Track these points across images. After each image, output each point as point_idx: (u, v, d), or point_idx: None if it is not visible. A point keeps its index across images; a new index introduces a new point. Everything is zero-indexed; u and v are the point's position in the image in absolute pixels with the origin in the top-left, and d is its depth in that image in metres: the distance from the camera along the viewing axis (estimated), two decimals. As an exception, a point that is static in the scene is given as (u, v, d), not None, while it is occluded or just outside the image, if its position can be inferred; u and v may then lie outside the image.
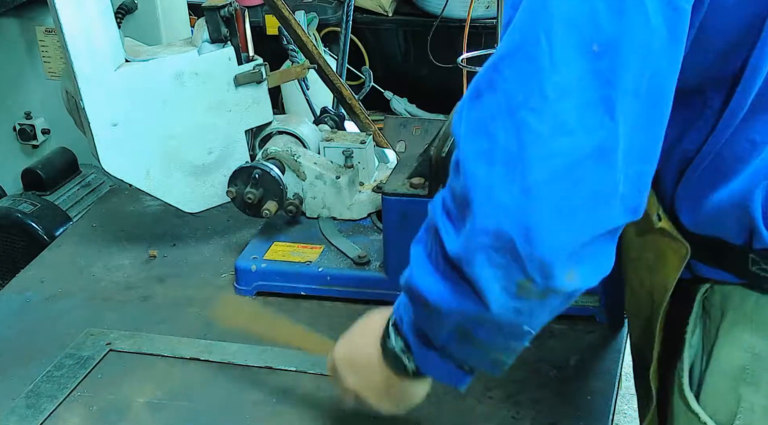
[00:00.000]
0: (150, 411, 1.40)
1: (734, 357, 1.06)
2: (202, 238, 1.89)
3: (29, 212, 2.24)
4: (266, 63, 1.74)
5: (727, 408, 1.07)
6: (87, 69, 1.61)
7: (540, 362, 1.48)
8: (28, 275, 1.80)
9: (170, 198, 1.76)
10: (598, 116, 0.87)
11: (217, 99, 1.70)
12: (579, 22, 0.86)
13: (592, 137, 0.88)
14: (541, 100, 0.87)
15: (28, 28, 2.60)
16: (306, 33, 2.02)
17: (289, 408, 1.40)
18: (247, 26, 1.72)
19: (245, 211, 1.72)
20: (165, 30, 2.56)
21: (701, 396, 1.10)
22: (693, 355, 1.11)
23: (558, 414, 1.37)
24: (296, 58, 2.81)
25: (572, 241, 0.91)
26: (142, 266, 1.81)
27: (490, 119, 0.91)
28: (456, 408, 1.37)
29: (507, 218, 0.90)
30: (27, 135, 2.68)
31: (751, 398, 1.05)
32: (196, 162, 1.73)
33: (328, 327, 1.57)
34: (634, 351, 1.28)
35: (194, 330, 1.59)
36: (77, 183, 2.54)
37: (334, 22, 3.96)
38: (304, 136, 1.78)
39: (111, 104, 1.64)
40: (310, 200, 1.75)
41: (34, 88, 2.66)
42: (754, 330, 1.05)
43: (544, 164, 0.88)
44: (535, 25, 0.88)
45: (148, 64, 1.67)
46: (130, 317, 1.64)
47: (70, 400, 1.42)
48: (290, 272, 1.65)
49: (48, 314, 1.66)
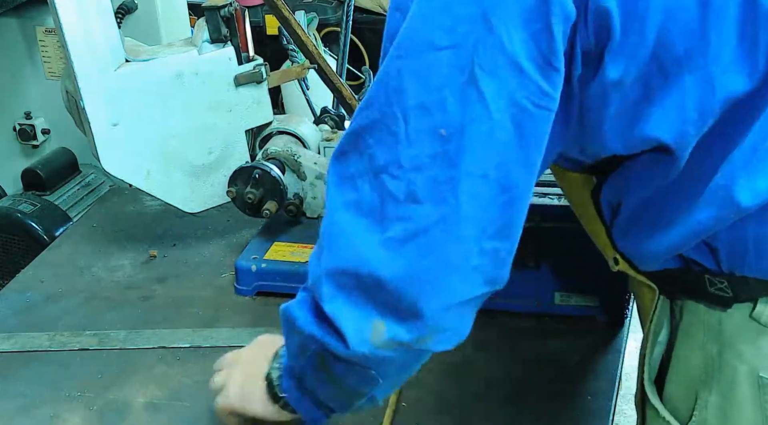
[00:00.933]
0: (150, 411, 1.40)
1: (691, 357, 1.09)
2: (202, 238, 1.89)
3: (29, 212, 2.24)
4: (266, 63, 1.74)
5: (685, 405, 1.10)
6: (87, 69, 1.61)
7: (540, 362, 1.48)
8: (28, 275, 1.80)
9: (170, 198, 1.76)
10: (443, 192, 0.95)
11: (217, 99, 1.70)
12: (430, 107, 0.94)
13: (438, 209, 0.95)
14: (398, 168, 0.96)
15: (28, 28, 2.60)
16: (306, 33, 2.02)
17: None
18: (247, 26, 1.72)
19: (245, 211, 1.72)
20: (165, 30, 2.56)
21: (664, 392, 1.13)
22: (661, 351, 1.14)
23: (558, 414, 1.37)
24: (296, 58, 2.81)
25: (425, 305, 0.98)
26: (142, 266, 1.81)
27: (357, 175, 0.99)
28: (456, 408, 1.37)
29: (364, 265, 0.98)
30: (27, 135, 2.68)
31: (706, 396, 1.08)
32: (196, 162, 1.73)
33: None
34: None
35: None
36: (77, 183, 2.54)
37: (334, 22, 3.95)
38: (304, 136, 1.78)
39: (111, 104, 1.64)
40: (310, 200, 1.75)
41: (34, 88, 2.66)
42: (706, 330, 1.07)
43: (398, 224, 0.96)
44: (392, 104, 0.96)
45: (148, 64, 1.67)
46: (130, 317, 1.64)
47: (70, 400, 1.43)
48: (290, 272, 1.65)
49: (48, 314, 1.66)
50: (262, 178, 1.68)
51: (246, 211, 1.72)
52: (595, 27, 0.92)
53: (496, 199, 0.95)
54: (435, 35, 0.93)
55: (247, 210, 1.72)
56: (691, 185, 0.99)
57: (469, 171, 0.94)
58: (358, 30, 4.08)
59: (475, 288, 0.99)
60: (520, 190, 0.97)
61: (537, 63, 0.91)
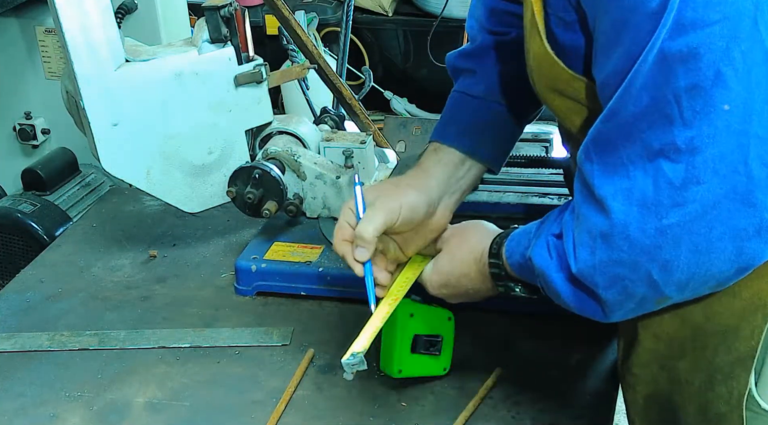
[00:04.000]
0: (150, 411, 1.40)
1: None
2: (202, 238, 1.89)
3: (29, 212, 2.24)
4: (266, 63, 1.74)
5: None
6: (87, 69, 1.61)
7: (540, 362, 1.48)
8: (28, 275, 1.80)
9: (170, 198, 1.76)
10: (733, 164, 0.94)
11: (217, 99, 1.70)
12: (705, 87, 0.93)
13: (726, 183, 0.94)
14: (675, 152, 0.95)
15: (28, 28, 2.60)
16: (306, 33, 2.02)
17: (290, 408, 1.40)
18: (247, 26, 1.71)
19: (245, 211, 1.72)
20: (165, 30, 2.56)
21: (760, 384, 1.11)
22: None
23: (558, 414, 1.37)
24: (296, 58, 2.81)
25: (712, 275, 0.99)
26: (142, 266, 1.81)
27: (629, 162, 0.98)
28: (456, 408, 1.37)
29: (642, 254, 0.99)
30: (27, 135, 2.69)
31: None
32: (196, 162, 1.73)
33: (328, 327, 1.58)
34: None
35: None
36: (77, 183, 2.55)
37: (334, 22, 3.96)
38: (304, 136, 1.78)
39: (111, 104, 1.64)
40: (310, 200, 1.75)
41: (34, 88, 2.67)
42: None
43: (678, 210, 0.96)
44: (662, 88, 0.94)
45: (148, 64, 1.66)
46: (130, 317, 1.65)
47: (70, 400, 1.43)
48: (290, 272, 1.65)
49: (48, 314, 1.66)
50: (262, 178, 1.68)
51: (246, 211, 1.72)
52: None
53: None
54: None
55: (247, 210, 1.72)
56: None
57: (757, 134, 0.94)
58: (358, 30, 4.09)
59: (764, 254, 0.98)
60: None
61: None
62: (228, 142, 1.74)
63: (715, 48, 0.91)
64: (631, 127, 0.98)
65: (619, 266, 1.01)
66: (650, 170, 0.97)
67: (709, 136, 0.93)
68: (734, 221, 0.95)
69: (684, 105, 0.93)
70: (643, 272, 1.00)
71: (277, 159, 1.72)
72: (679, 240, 0.97)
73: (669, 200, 0.96)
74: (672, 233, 0.97)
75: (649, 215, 0.97)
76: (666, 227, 0.97)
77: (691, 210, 0.95)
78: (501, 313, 1.57)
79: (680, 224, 0.96)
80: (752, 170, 0.94)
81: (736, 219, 0.95)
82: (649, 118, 0.96)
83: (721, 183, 0.94)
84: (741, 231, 0.96)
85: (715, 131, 0.93)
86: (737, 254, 0.97)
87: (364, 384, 1.43)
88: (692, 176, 0.95)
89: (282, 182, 1.70)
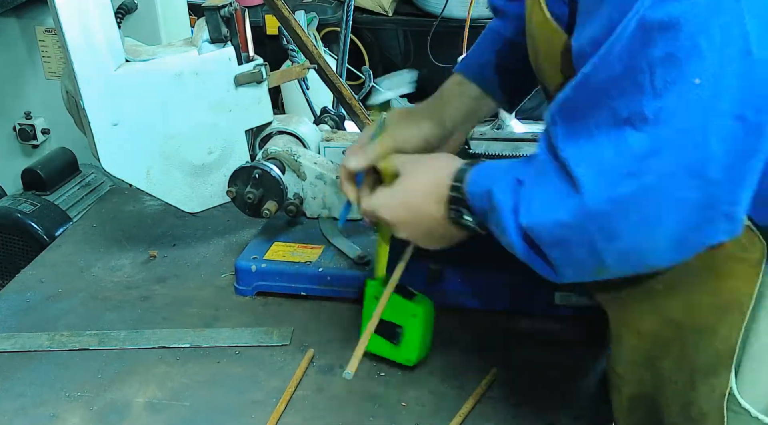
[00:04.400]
0: (150, 411, 1.40)
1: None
2: (202, 238, 1.89)
3: (29, 212, 2.24)
4: (266, 63, 1.74)
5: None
6: (87, 69, 1.61)
7: (539, 362, 1.48)
8: (28, 275, 1.80)
9: (170, 198, 1.76)
10: (695, 139, 0.93)
11: (217, 99, 1.70)
12: (680, 57, 0.92)
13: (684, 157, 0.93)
14: (641, 121, 0.94)
15: (28, 28, 2.60)
16: (306, 33, 2.02)
17: (290, 408, 1.40)
18: (247, 26, 1.71)
19: (245, 211, 1.72)
20: (165, 30, 2.56)
21: (738, 382, 1.11)
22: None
23: (558, 414, 1.37)
24: (296, 58, 2.81)
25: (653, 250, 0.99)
26: (142, 266, 1.81)
27: (594, 127, 0.98)
28: (456, 408, 1.37)
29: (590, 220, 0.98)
30: (27, 135, 2.69)
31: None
32: (196, 162, 1.73)
33: (328, 327, 1.58)
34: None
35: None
36: (77, 183, 2.54)
37: (334, 22, 3.95)
38: (304, 136, 1.78)
39: (111, 104, 1.64)
40: (310, 200, 1.75)
41: (34, 88, 2.66)
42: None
43: (633, 180, 0.95)
44: (638, 56, 0.94)
45: (148, 64, 1.66)
46: (130, 317, 1.65)
47: (70, 400, 1.43)
48: (290, 272, 1.65)
49: (48, 314, 1.66)
50: (262, 178, 1.68)
51: (246, 211, 1.72)
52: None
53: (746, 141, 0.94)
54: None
55: (247, 210, 1.72)
56: None
57: (723, 111, 0.93)
58: (358, 30, 4.08)
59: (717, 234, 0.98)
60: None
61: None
62: (228, 142, 1.74)
63: (696, 20, 0.91)
64: (601, 93, 0.97)
65: (565, 228, 1.01)
66: (614, 138, 0.96)
67: (677, 108, 0.93)
68: (684, 196, 0.95)
69: (657, 74, 0.93)
70: (586, 238, 0.99)
71: (277, 159, 1.72)
72: (628, 211, 0.96)
73: (626, 169, 0.95)
74: (623, 203, 0.96)
75: (605, 182, 0.97)
76: (619, 197, 0.96)
77: (646, 182, 0.95)
78: (501, 313, 1.57)
79: (633, 195, 0.96)
80: (710, 144, 0.93)
81: (686, 194, 0.95)
82: (621, 85, 0.95)
83: (680, 157, 0.94)
84: (689, 207, 0.95)
85: (684, 105, 0.93)
86: (683, 231, 0.97)
87: (364, 384, 1.43)
88: (654, 148, 0.94)
89: (282, 182, 1.70)
